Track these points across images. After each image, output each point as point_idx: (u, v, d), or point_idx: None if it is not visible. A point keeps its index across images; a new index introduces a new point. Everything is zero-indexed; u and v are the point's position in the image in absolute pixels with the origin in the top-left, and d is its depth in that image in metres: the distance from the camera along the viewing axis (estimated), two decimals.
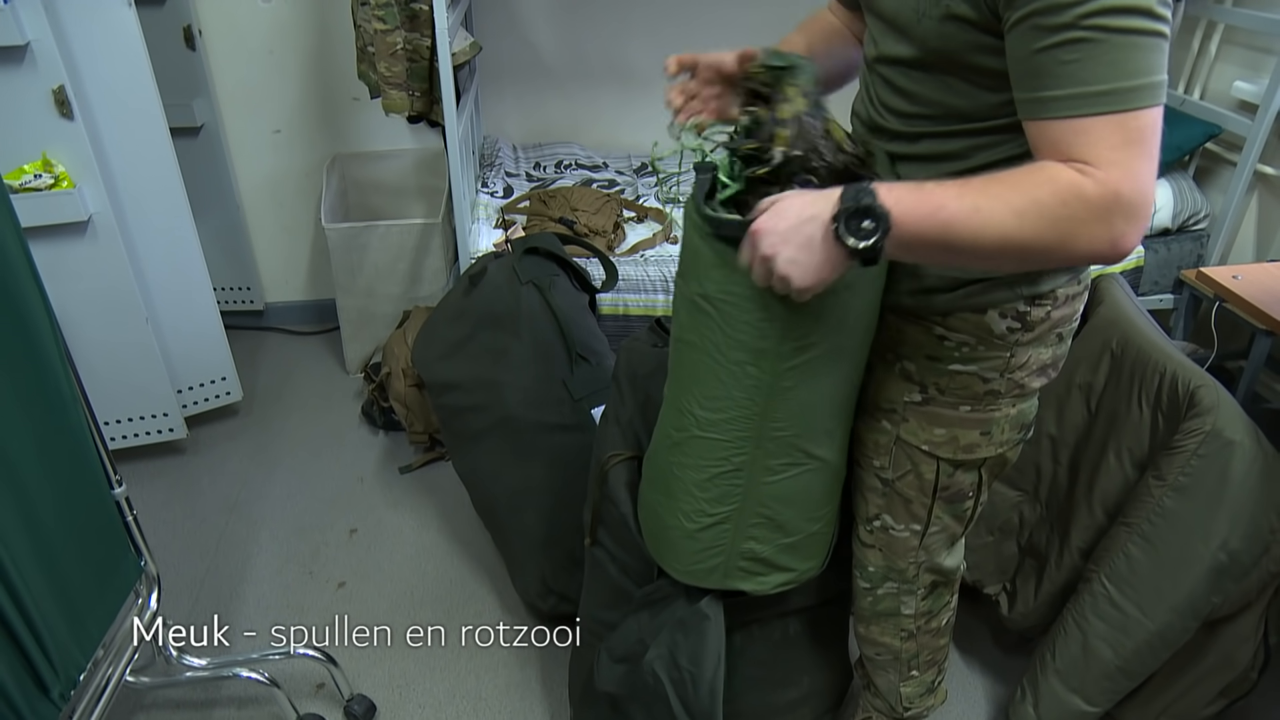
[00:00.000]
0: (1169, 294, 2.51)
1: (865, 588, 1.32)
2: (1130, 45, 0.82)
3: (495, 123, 2.98)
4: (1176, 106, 2.51)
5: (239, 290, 3.00)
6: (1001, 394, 1.10)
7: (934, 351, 1.10)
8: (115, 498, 1.40)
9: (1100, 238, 0.84)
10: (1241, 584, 1.36)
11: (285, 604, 1.95)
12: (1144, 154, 0.84)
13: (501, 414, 1.73)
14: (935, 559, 1.27)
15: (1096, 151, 0.83)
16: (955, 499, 1.20)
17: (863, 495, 1.25)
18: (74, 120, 1.87)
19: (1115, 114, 0.83)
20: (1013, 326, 1.06)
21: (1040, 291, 1.05)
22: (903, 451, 1.16)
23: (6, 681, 1.11)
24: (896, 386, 1.14)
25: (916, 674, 1.44)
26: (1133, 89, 0.83)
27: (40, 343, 1.21)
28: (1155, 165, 0.85)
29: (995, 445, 1.14)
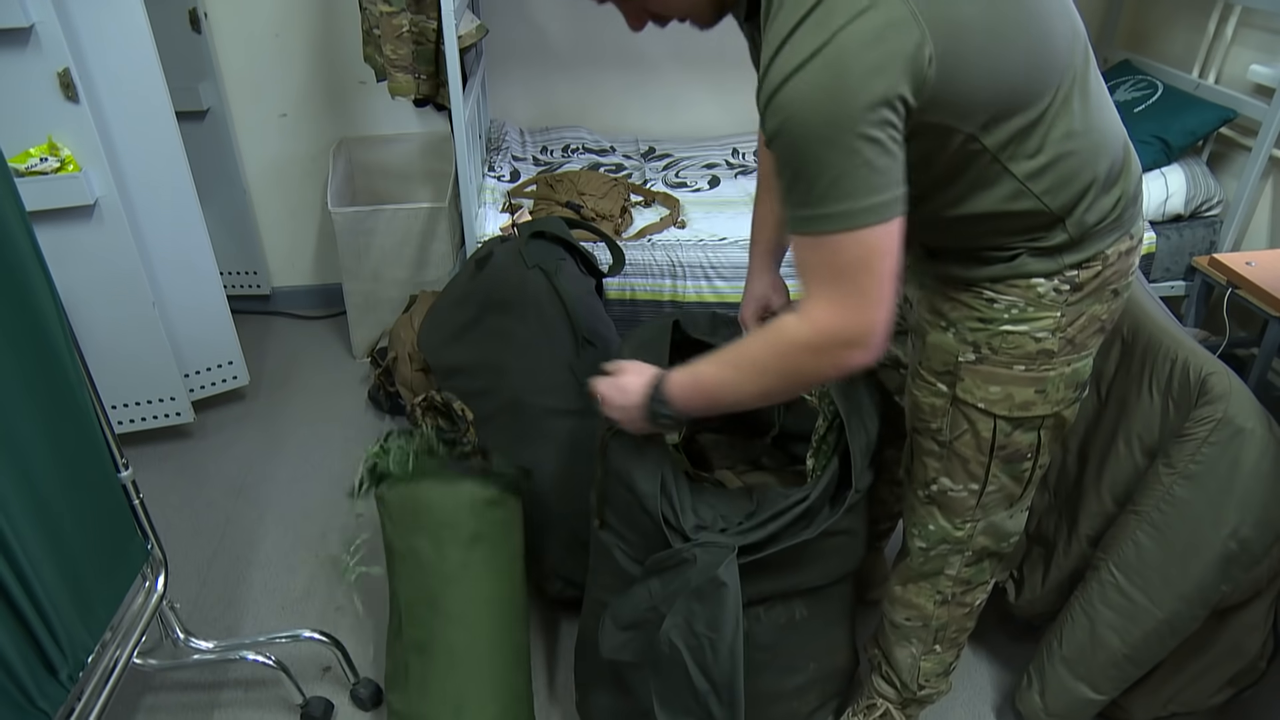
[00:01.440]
0: (1180, 281, 2.48)
1: (921, 547, 1.34)
2: (821, 169, 0.87)
3: (502, 106, 2.96)
4: (1191, 90, 2.48)
5: (246, 275, 3.00)
6: (1055, 353, 1.12)
7: (985, 314, 1.12)
8: (122, 481, 1.40)
9: (823, 370, 0.99)
10: (1251, 572, 1.35)
11: (292, 587, 1.96)
12: (853, 287, 0.92)
13: (507, 398, 1.72)
14: (992, 518, 1.28)
15: (809, 285, 0.96)
16: (1013, 459, 1.21)
17: (920, 460, 1.27)
18: (79, 104, 1.87)
19: (820, 239, 0.91)
20: (1061, 288, 1.08)
21: (1086, 257, 1.07)
22: (959, 411, 1.18)
23: (15, 663, 1.11)
24: (950, 348, 1.16)
25: (939, 650, 1.45)
26: (817, 215, 0.89)
27: (46, 326, 1.21)
28: (876, 292, 0.92)
29: (1051, 404, 1.16)
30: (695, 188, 2.58)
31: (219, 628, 1.85)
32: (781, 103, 0.86)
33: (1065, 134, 0.99)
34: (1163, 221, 2.43)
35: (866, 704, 1.56)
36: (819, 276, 0.94)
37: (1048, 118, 0.97)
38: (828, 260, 0.93)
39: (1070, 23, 1.00)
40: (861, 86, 0.83)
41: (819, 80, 0.83)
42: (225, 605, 1.91)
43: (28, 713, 1.15)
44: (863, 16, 0.83)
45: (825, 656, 1.50)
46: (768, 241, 1.45)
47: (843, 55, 0.83)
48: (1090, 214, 1.04)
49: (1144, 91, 2.53)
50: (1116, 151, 1.06)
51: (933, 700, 1.53)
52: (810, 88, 0.84)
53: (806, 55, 0.83)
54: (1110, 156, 1.04)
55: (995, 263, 1.09)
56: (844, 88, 0.83)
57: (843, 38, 0.83)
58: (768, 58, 0.87)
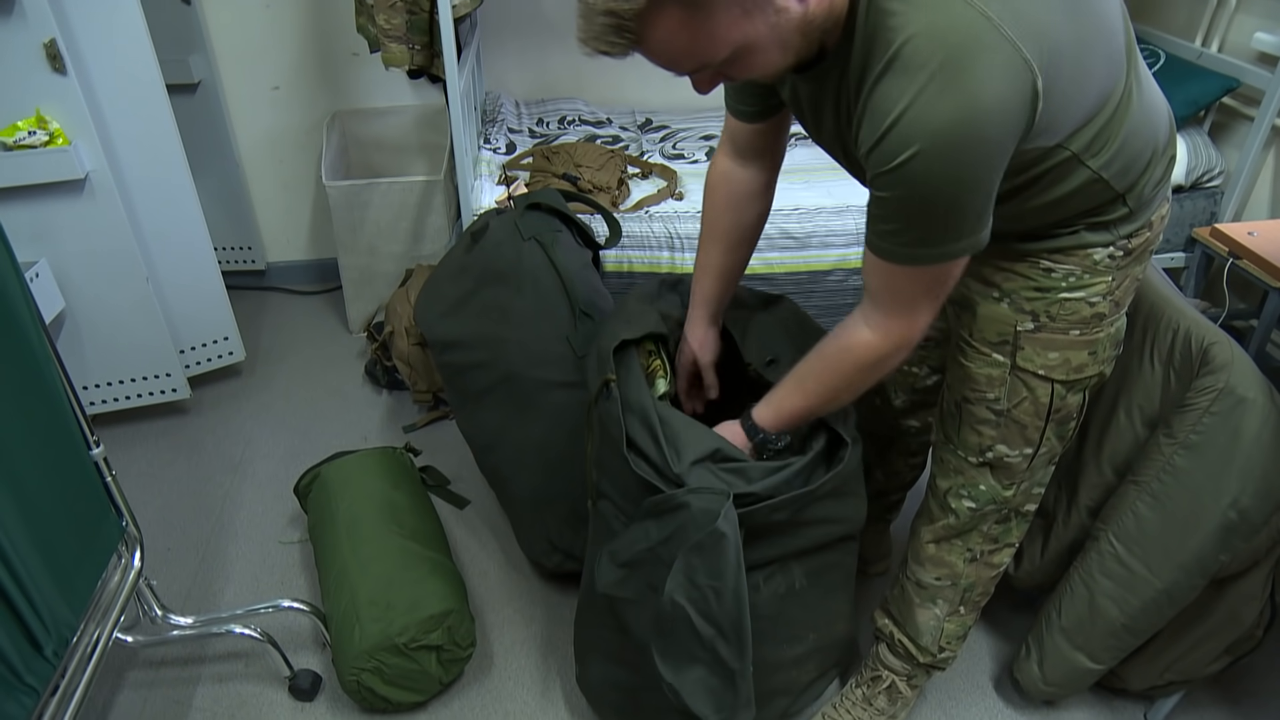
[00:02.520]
0: (1180, 252, 2.47)
1: (970, 508, 1.35)
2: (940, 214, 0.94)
3: (498, 78, 2.93)
4: (1193, 59, 2.45)
5: (240, 250, 2.98)
6: (1106, 315, 1.17)
7: (1042, 283, 1.15)
8: (93, 458, 1.39)
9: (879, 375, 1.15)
10: (1250, 542, 1.35)
11: (290, 563, 1.96)
12: (916, 312, 1.06)
13: (504, 371, 1.71)
14: (1035, 476, 1.32)
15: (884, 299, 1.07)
16: (1064, 420, 1.25)
17: (973, 429, 1.28)
18: (67, 75, 1.84)
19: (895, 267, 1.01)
20: (1115, 255, 1.12)
21: (1139, 226, 1.12)
22: (1019, 379, 1.21)
23: (1, 639, 1.11)
24: (1007, 318, 1.18)
25: (963, 612, 1.47)
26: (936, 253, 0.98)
27: (10, 303, 1.19)
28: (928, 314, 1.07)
29: (1100, 363, 1.21)
30: (693, 159, 2.55)
31: (219, 602, 1.85)
32: (919, 171, 0.89)
33: (1131, 118, 1.02)
34: None
35: (871, 675, 1.57)
36: (908, 298, 1.05)
37: (1120, 110, 1.00)
38: (924, 287, 1.03)
39: (1120, 7, 1.02)
40: (996, 142, 0.89)
41: (958, 145, 0.87)
42: (225, 580, 1.91)
43: (15, 689, 1.15)
44: (990, 69, 0.85)
45: (825, 626, 1.50)
46: (707, 293, 1.42)
47: (978, 114, 0.86)
48: (1148, 187, 1.09)
49: (1146, 60, 2.49)
50: (1165, 122, 1.10)
51: (945, 665, 1.53)
52: (949, 153, 0.88)
53: (945, 115, 0.86)
54: (1163, 128, 1.09)
55: (1054, 237, 1.12)
56: (975, 146, 0.88)
57: (978, 95, 0.85)
58: (893, 113, 0.88)
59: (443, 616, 1.55)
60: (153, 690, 1.67)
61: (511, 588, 1.90)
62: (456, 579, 1.66)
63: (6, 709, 1.13)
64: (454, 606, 1.57)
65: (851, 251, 2.23)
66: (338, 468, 1.88)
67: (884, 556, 1.91)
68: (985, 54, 0.84)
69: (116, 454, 1.44)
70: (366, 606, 1.54)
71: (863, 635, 1.71)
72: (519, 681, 1.70)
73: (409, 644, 1.51)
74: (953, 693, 1.67)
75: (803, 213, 2.23)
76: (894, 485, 1.78)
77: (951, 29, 0.85)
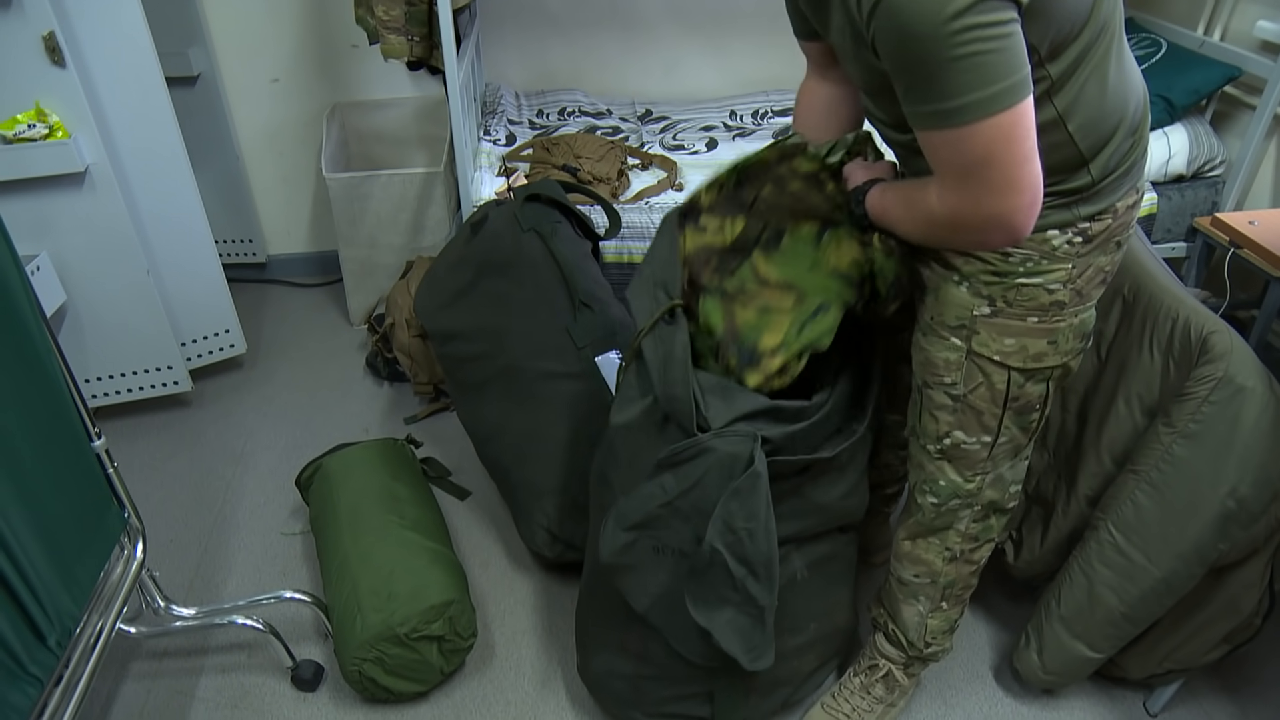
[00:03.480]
0: (1181, 242, 2.47)
1: (933, 503, 1.35)
2: (948, 68, 0.90)
3: (497, 69, 2.93)
4: (1195, 48, 2.44)
5: (241, 243, 2.98)
6: (1066, 304, 1.15)
7: (999, 267, 1.14)
8: (95, 450, 1.40)
9: (969, 244, 1.10)
10: (1249, 531, 1.35)
11: (292, 554, 1.96)
12: (977, 181, 0.97)
13: (505, 362, 1.71)
14: (1000, 469, 1.31)
15: (939, 173, 1.01)
16: (1024, 410, 1.24)
17: (931, 414, 1.29)
18: (66, 68, 1.84)
19: (944, 133, 0.95)
20: (1073, 241, 1.11)
21: (1099, 209, 1.10)
22: (974, 364, 1.21)
23: (4, 629, 1.12)
24: (964, 302, 1.18)
25: (945, 607, 1.47)
26: (936, 111, 0.93)
27: (10, 295, 1.19)
28: (1000, 182, 0.96)
29: (1061, 354, 1.19)
30: (693, 150, 2.55)
31: (221, 594, 1.86)
32: (894, 6, 0.88)
33: (1104, 73, 1.01)
34: (1164, 182, 2.41)
35: (869, 664, 1.57)
36: (947, 168, 0.99)
37: (1095, 52, 0.99)
38: (951, 155, 0.97)
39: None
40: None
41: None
42: (227, 572, 1.92)
43: (19, 678, 1.16)
44: None
45: (826, 617, 1.51)
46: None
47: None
48: (1113, 158, 1.07)
49: (1148, 49, 2.50)
50: (1140, 98, 1.09)
51: (937, 659, 1.54)
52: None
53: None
54: (1135, 102, 1.08)
55: None
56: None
57: None
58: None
59: (444, 607, 1.55)
60: (156, 681, 1.68)
61: (512, 578, 1.91)
62: (458, 569, 1.67)
63: (11, 699, 1.14)
64: (455, 597, 1.57)
65: None
66: (339, 459, 1.88)
67: (884, 546, 1.91)
68: None
69: (118, 446, 1.44)
70: (368, 597, 1.54)
71: (863, 624, 1.72)
72: (520, 671, 1.71)
73: (410, 634, 1.52)
74: (952, 682, 1.68)
75: None
76: (888, 478, 1.78)
77: None
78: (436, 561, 1.63)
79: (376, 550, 1.63)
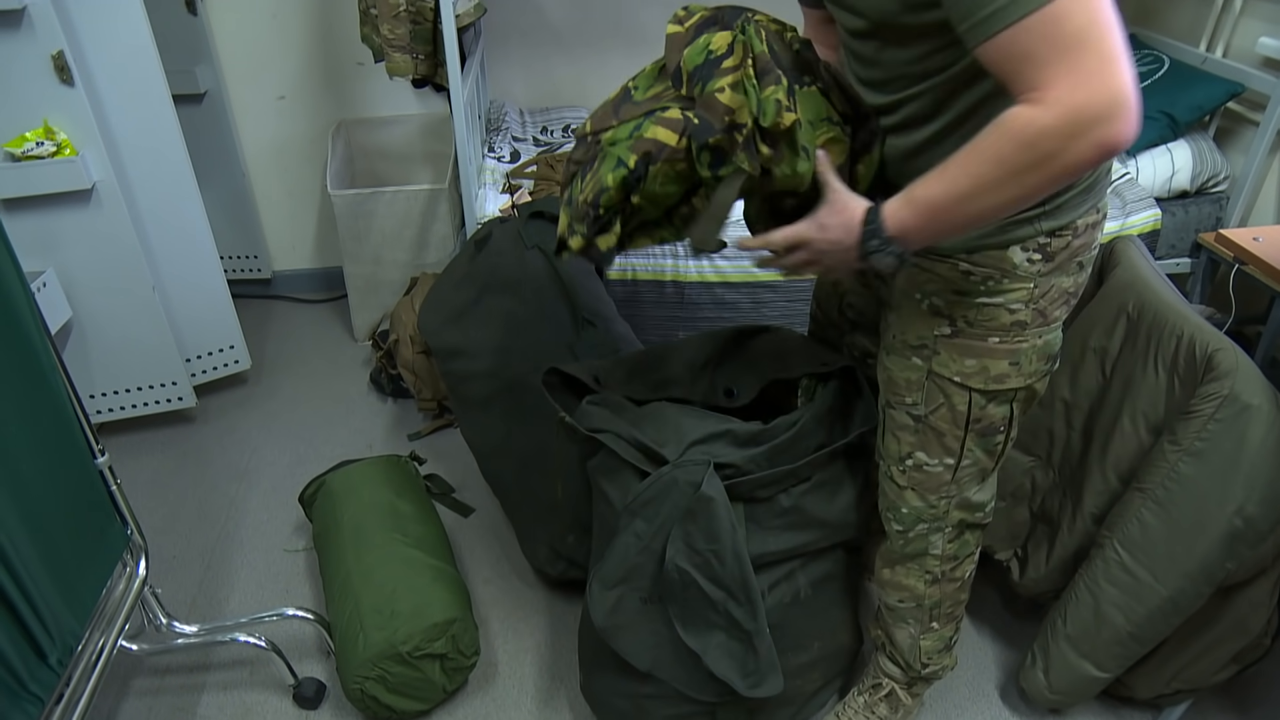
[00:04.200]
0: (1186, 258, 2.46)
1: (898, 530, 1.34)
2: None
3: (502, 87, 2.94)
4: (1198, 65, 2.45)
5: (246, 259, 3.00)
6: (1028, 324, 1.13)
7: (960, 286, 1.12)
8: (99, 466, 1.40)
9: (1085, 154, 0.84)
10: (1257, 550, 1.34)
11: (295, 571, 1.96)
12: (1089, 52, 0.81)
13: (508, 379, 1.71)
14: (966, 493, 1.29)
15: (1036, 73, 0.83)
16: (987, 432, 1.22)
17: (894, 435, 1.27)
18: (74, 86, 1.85)
19: (1035, 16, 0.81)
20: (1034, 259, 1.09)
21: (1060, 225, 1.08)
22: (935, 385, 1.19)
23: (5, 648, 1.12)
24: (925, 322, 1.16)
25: (936, 626, 1.45)
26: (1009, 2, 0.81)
27: (16, 312, 1.20)
28: (1112, 51, 0.81)
29: (1024, 376, 1.17)
30: None
31: (223, 611, 1.86)
32: None
33: None
34: (1168, 198, 2.41)
35: (872, 683, 1.56)
36: (1043, 59, 0.82)
37: None
38: (1050, 35, 0.81)
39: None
40: None
41: None
42: (229, 589, 1.91)
43: (21, 697, 1.15)
44: None
45: (829, 636, 1.50)
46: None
47: None
48: None
49: (1150, 66, 2.50)
50: None
51: (939, 677, 1.53)
52: None
53: None
54: None
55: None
56: None
57: None
58: None
59: (447, 625, 1.55)
60: (157, 698, 1.68)
61: (515, 596, 1.90)
62: (460, 587, 1.66)
63: (12, 718, 1.13)
64: (458, 615, 1.57)
65: None
66: (342, 476, 1.88)
67: None
68: None
69: (122, 462, 1.44)
70: (370, 615, 1.54)
71: (866, 643, 1.70)
72: (523, 690, 1.70)
73: (413, 652, 1.51)
74: (957, 700, 1.67)
75: None
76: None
77: None
78: (439, 579, 1.62)
79: (379, 568, 1.63)
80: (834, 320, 1.48)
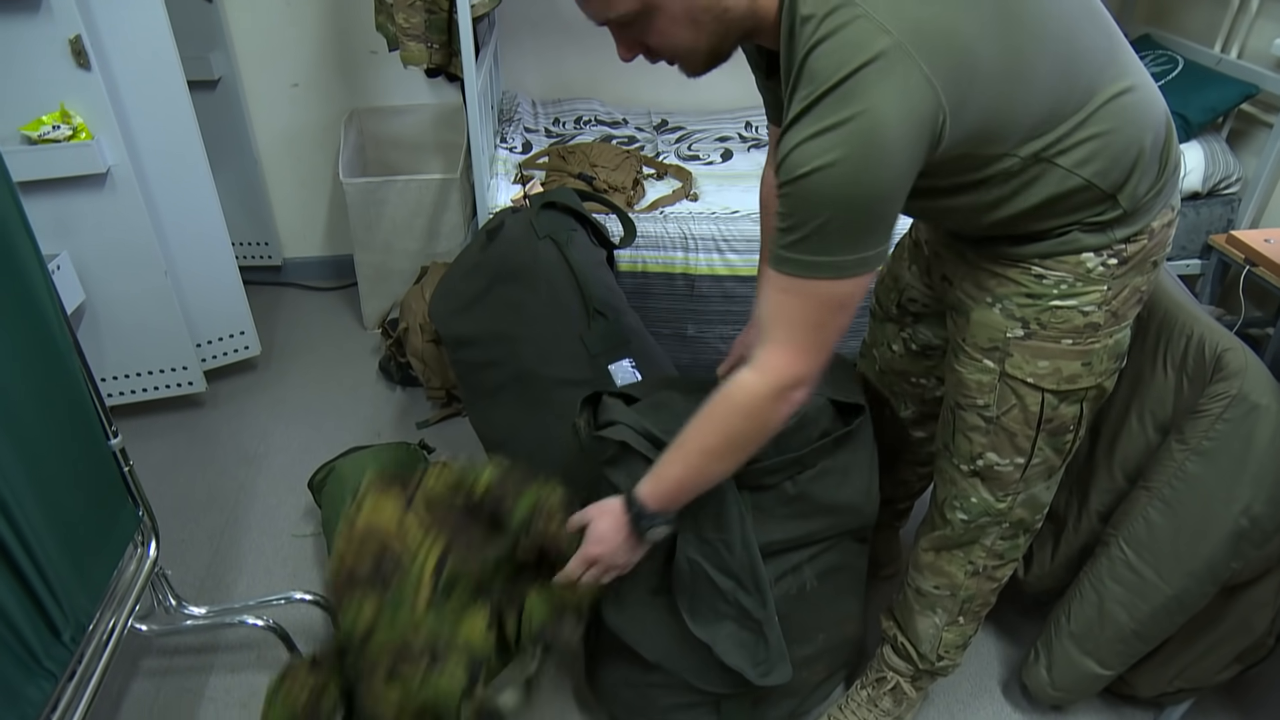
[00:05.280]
0: (1196, 259, 2.46)
1: (962, 520, 1.34)
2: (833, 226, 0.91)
3: (515, 78, 2.95)
4: (1212, 66, 2.44)
5: (257, 245, 3.01)
6: (1101, 325, 1.14)
7: (1034, 290, 1.13)
8: (111, 448, 1.41)
9: (783, 414, 1.06)
10: (1262, 549, 1.35)
11: (303, 556, 1.97)
12: (817, 339, 1.01)
13: (518, 369, 1.72)
14: (1033, 489, 1.30)
15: (775, 330, 1.01)
16: (1058, 432, 1.23)
17: (965, 435, 1.27)
18: (91, 71, 1.86)
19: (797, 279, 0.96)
20: (1109, 263, 1.10)
21: (1135, 230, 1.09)
22: (1008, 387, 1.19)
23: (21, 623, 1.13)
24: (997, 325, 1.17)
25: (962, 621, 1.46)
26: (817, 263, 0.93)
27: (34, 294, 1.21)
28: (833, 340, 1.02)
29: (1095, 375, 1.18)
30: (708, 160, 2.56)
31: (232, 593, 1.87)
32: (803, 165, 0.88)
33: (1110, 119, 1.00)
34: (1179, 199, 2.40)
35: (876, 677, 1.57)
36: (789, 321, 1.00)
37: (1092, 119, 0.99)
38: (804, 305, 0.98)
39: (1103, 28, 1.01)
40: (885, 165, 0.87)
41: (846, 155, 0.86)
42: (238, 572, 1.93)
43: (35, 673, 1.17)
44: (885, 86, 0.84)
45: (835, 628, 1.51)
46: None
47: (868, 133, 0.85)
48: (1141, 185, 1.06)
49: (1164, 66, 2.50)
50: (1158, 122, 1.06)
51: (946, 673, 1.53)
52: (838, 163, 0.86)
53: (832, 127, 0.85)
54: (1154, 127, 1.05)
55: (1046, 239, 1.10)
56: (870, 166, 0.87)
57: (872, 116, 0.84)
58: (794, 127, 0.89)
59: None
60: (166, 678, 1.69)
61: None
62: None
63: (26, 692, 1.15)
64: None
65: None
66: (352, 462, 1.89)
67: (893, 560, 1.91)
68: (883, 74, 0.84)
69: (133, 445, 1.45)
70: None
71: (871, 637, 1.71)
72: None
73: None
74: (960, 696, 1.67)
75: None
76: (902, 494, 1.78)
77: (852, 45, 0.84)
78: None
79: None
80: (893, 315, 1.49)
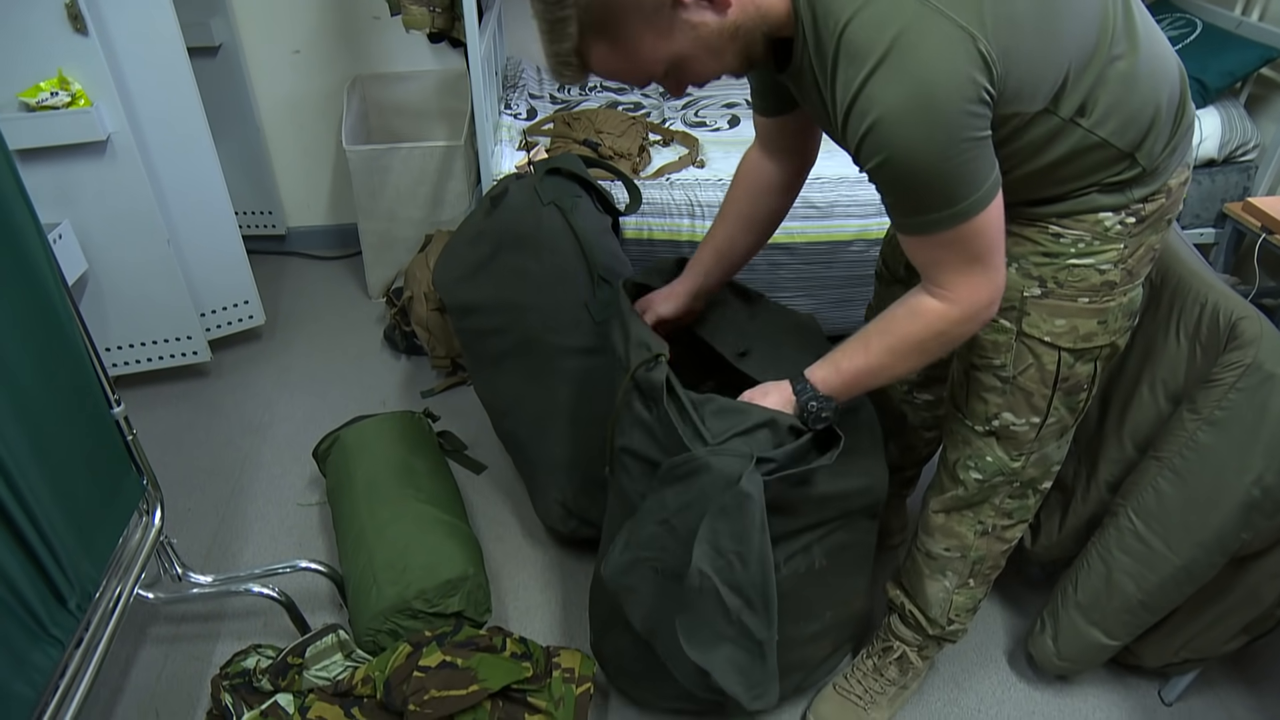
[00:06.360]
0: (1210, 228, 2.42)
1: (976, 479, 1.34)
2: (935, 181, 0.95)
3: (519, 43, 2.91)
4: (1232, 29, 2.39)
5: (260, 215, 2.99)
6: (1117, 284, 1.15)
7: (1051, 249, 1.14)
8: (114, 417, 1.40)
9: (974, 331, 1.10)
10: (1273, 520, 1.33)
11: (308, 524, 1.98)
12: (988, 262, 1.03)
13: (522, 336, 1.71)
14: (1046, 448, 1.30)
15: (945, 276, 1.05)
16: (1073, 390, 1.23)
17: (980, 397, 1.27)
18: (88, 36, 1.84)
19: (953, 232, 0.99)
20: (1126, 221, 1.11)
21: (1152, 190, 1.10)
22: (1024, 346, 1.20)
23: (27, 591, 1.13)
24: (1014, 284, 1.17)
25: (972, 584, 1.46)
26: (944, 216, 0.98)
27: (33, 263, 1.20)
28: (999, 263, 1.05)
29: (1110, 333, 1.19)
30: (715, 127, 2.53)
31: (238, 562, 1.88)
32: (882, 141, 0.93)
33: (1123, 75, 1.01)
34: (1194, 166, 2.36)
35: (883, 646, 1.57)
36: (954, 265, 1.03)
37: (1111, 69, 1.00)
38: (960, 250, 1.02)
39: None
40: (957, 110, 0.90)
41: (914, 116, 0.90)
42: (243, 541, 1.93)
43: (41, 639, 1.17)
44: (931, 47, 0.89)
45: (842, 605, 1.50)
46: (701, 262, 1.43)
47: (931, 89, 0.89)
48: (1157, 143, 1.07)
49: (1182, 30, 2.45)
50: (1173, 81, 1.07)
51: (954, 639, 1.53)
52: (908, 123, 0.91)
53: (898, 95, 0.90)
54: (1169, 86, 1.06)
55: (1065, 199, 1.10)
56: (939, 113, 0.90)
57: (926, 73, 0.89)
58: (848, 98, 0.94)
59: (459, 581, 1.56)
60: (173, 646, 1.70)
61: (527, 553, 1.91)
62: (473, 543, 1.67)
63: (33, 659, 1.15)
64: (470, 571, 1.58)
65: (873, 223, 2.20)
66: (356, 431, 1.89)
67: (901, 529, 1.90)
68: (923, 35, 0.89)
69: (137, 415, 1.45)
70: (384, 569, 1.55)
71: (877, 606, 1.71)
72: None
73: (425, 607, 1.53)
74: (966, 665, 1.67)
75: (824, 182, 2.20)
76: (909, 460, 1.77)
77: (884, 17, 0.90)
78: (452, 535, 1.63)
79: (393, 523, 1.64)
80: (901, 277, 1.48)
